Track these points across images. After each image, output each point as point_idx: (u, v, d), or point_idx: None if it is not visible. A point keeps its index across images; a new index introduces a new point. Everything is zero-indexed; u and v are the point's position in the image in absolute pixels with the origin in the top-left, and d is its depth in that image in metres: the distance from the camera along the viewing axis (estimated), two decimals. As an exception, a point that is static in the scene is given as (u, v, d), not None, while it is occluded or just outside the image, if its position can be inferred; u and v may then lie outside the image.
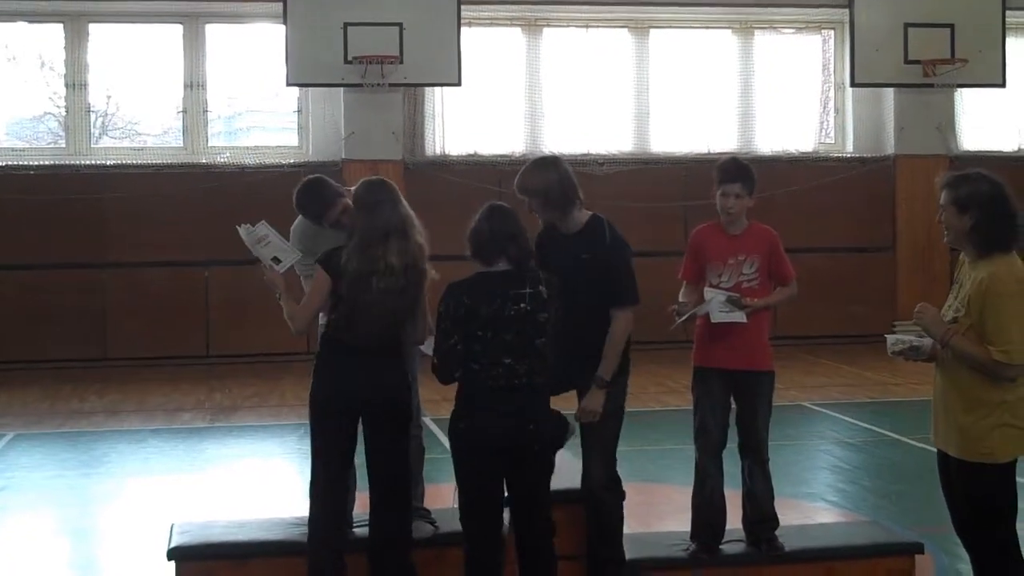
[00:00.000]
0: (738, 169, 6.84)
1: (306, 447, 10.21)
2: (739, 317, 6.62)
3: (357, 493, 6.63)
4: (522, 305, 5.67)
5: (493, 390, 5.64)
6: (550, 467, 5.90)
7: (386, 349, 5.93)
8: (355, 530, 6.52)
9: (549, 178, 6.35)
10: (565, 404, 6.00)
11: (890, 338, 5.52)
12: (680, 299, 6.88)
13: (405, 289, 5.86)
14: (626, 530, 6.70)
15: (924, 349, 5.42)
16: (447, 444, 5.88)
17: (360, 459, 6.14)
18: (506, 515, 5.93)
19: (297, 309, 6.02)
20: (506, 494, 5.87)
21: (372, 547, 6.06)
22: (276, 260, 6.24)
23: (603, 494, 6.45)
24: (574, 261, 6.28)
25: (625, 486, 6.75)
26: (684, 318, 6.78)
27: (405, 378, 6.07)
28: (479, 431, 5.67)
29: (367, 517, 6.18)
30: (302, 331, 6.07)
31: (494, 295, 5.65)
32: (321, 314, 6.13)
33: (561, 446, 5.92)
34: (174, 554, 6.43)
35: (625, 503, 6.67)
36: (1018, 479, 5.34)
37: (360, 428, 6.05)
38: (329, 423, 5.99)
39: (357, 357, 5.89)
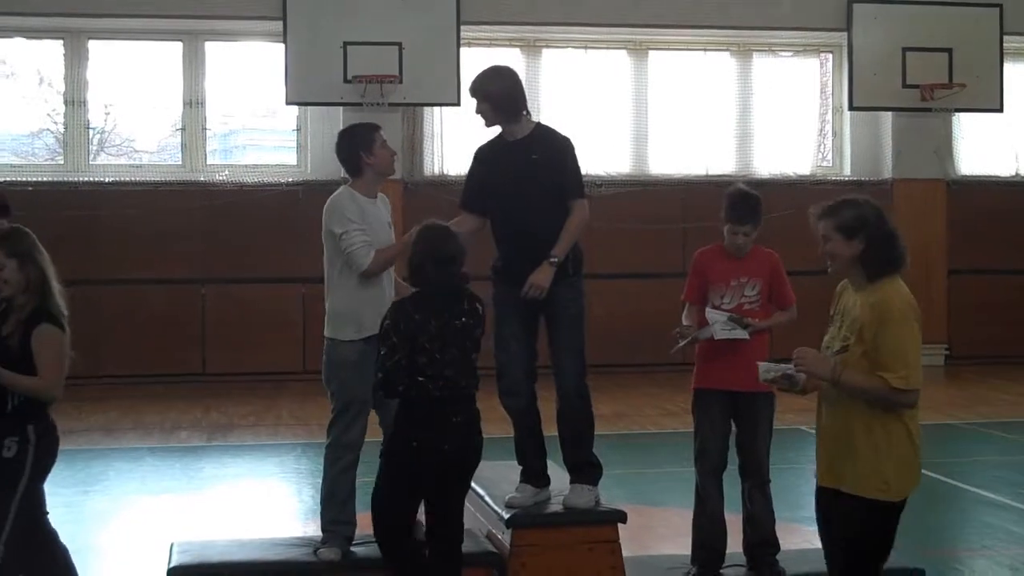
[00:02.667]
0: (751, 210, 6.86)
1: (304, 466, 10.19)
2: (742, 334, 6.66)
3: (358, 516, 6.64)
4: (463, 319, 5.85)
5: (439, 403, 5.78)
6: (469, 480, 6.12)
7: None
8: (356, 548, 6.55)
9: (504, 86, 6.68)
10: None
11: (762, 365, 5.28)
12: (683, 320, 6.91)
13: None
14: (626, 553, 6.70)
15: (799, 379, 5.20)
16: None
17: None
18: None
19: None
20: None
21: None
22: None
23: (576, 401, 6.66)
24: (526, 163, 6.58)
25: (624, 508, 6.77)
26: (686, 341, 6.81)
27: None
28: (434, 447, 5.78)
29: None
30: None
31: (441, 310, 5.81)
32: None
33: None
34: (174, 573, 6.42)
35: (625, 526, 6.68)
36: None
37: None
38: None
39: None
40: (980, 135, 18.21)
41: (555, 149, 6.69)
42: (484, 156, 6.84)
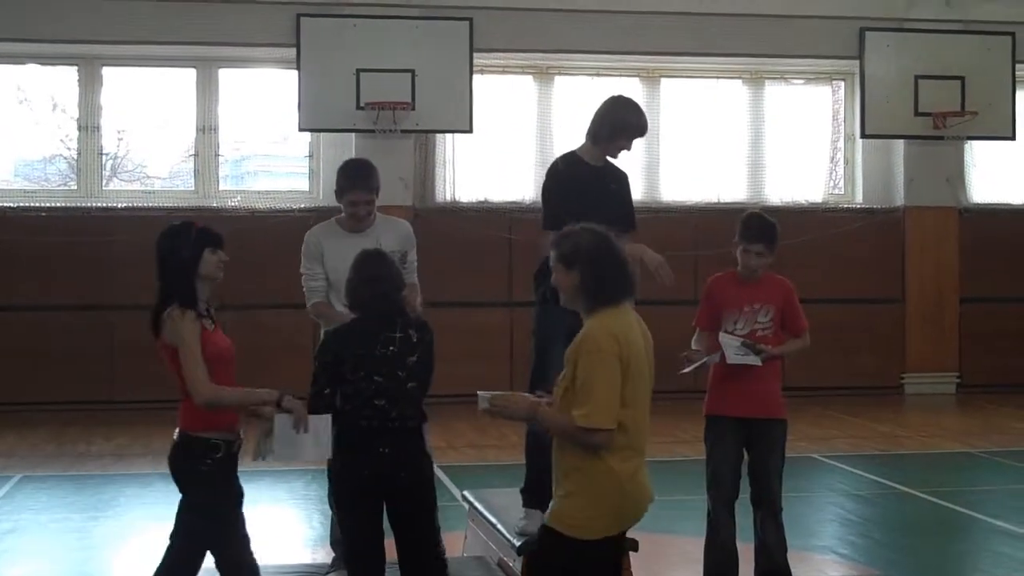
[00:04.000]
0: (763, 229, 6.88)
1: (313, 493, 10.17)
2: (754, 360, 6.66)
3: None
4: (391, 348, 5.73)
5: (365, 432, 5.68)
6: (431, 505, 5.91)
7: None
8: None
9: None
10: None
11: (482, 394, 4.98)
12: (693, 346, 6.91)
13: None
14: (637, 582, 6.68)
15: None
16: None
17: None
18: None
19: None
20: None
21: None
22: None
23: None
24: (606, 190, 6.86)
25: (636, 536, 6.73)
26: (695, 366, 6.80)
27: None
28: (352, 473, 5.72)
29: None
30: None
31: (364, 338, 5.75)
32: None
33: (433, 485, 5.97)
34: (183, 600, 6.39)
35: (636, 554, 6.65)
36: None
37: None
38: None
39: None
40: (993, 163, 18.18)
41: (625, 182, 7.04)
42: (575, 174, 6.89)
